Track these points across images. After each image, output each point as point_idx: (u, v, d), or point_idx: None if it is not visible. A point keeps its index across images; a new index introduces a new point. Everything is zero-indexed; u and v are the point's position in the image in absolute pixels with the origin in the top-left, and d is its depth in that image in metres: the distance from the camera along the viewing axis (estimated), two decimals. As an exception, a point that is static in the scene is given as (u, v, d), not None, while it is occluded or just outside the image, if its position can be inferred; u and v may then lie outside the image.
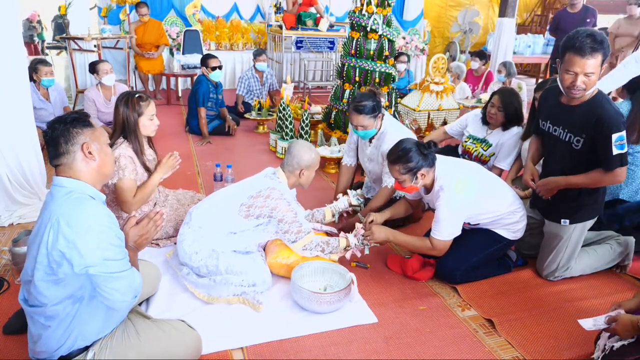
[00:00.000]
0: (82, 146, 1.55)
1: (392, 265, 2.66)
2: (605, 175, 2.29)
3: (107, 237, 1.51)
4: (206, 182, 3.86)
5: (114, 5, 7.11)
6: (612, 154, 2.21)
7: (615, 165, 2.24)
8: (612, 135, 2.19)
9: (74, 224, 1.45)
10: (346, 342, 2.07)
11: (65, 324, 1.56)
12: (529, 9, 11.09)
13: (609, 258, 2.68)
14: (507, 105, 3.21)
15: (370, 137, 3.00)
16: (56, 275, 1.49)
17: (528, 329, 2.22)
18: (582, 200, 2.44)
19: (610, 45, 3.97)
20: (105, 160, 1.63)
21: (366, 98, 2.87)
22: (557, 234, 2.53)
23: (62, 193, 1.53)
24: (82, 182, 1.57)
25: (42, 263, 1.48)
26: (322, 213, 2.87)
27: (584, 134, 2.29)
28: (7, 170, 2.98)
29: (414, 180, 2.34)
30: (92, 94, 4.45)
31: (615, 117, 2.21)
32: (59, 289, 1.51)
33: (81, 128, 1.56)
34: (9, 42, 2.87)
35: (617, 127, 2.20)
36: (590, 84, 2.20)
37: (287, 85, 4.79)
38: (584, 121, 2.28)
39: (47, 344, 1.58)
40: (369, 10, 4.09)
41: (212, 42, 7.97)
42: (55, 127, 1.55)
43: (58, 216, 1.46)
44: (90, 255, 1.46)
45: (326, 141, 4.51)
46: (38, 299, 1.53)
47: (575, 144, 2.34)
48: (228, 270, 2.29)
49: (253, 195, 2.35)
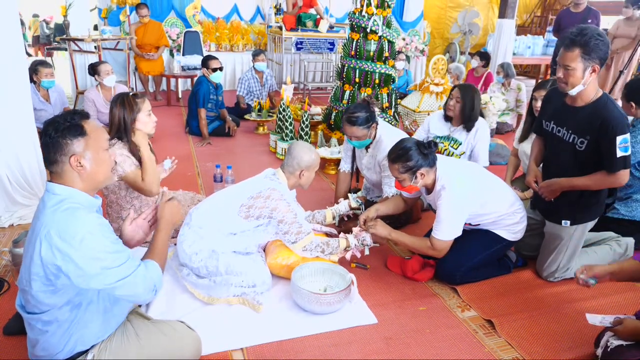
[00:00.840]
0: (71, 158, 1.50)
1: (392, 266, 2.66)
2: (608, 177, 2.29)
3: (102, 246, 1.46)
4: (206, 183, 3.87)
5: (114, 6, 7.12)
6: (616, 156, 2.21)
7: (619, 168, 2.24)
8: (617, 137, 2.19)
9: (66, 237, 1.42)
10: (346, 342, 2.07)
11: (62, 329, 1.55)
12: (528, 10, 11.11)
13: (609, 259, 2.68)
14: (465, 96, 3.18)
15: (365, 146, 3.00)
16: (54, 286, 1.47)
17: (528, 329, 2.22)
18: (583, 202, 2.44)
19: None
20: (98, 169, 1.56)
21: (359, 109, 2.84)
22: (558, 235, 2.53)
23: (53, 202, 1.49)
24: (75, 190, 1.52)
25: (38, 274, 1.45)
26: (323, 215, 2.87)
27: (588, 135, 2.29)
28: (7, 171, 2.98)
29: (413, 180, 2.34)
30: (92, 95, 4.45)
31: (620, 120, 2.21)
32: (57, 297, 1.50)
33: (71, 139, 1.49)
34: (9, 43, 2.88)
35: (622, 130, 2.20)
36: (572, 78, 2.21)
37: (287, 86, 4.79)
38: (588, 122, 2.28)
39: (46, 349, 1.58)
40: (369, 12, 4.10)
41: (212, 43, 7.98)
42: (47, 132, 1.50)
43: (49, 229, 1.43)
44: (88, 266, 1.43)
45: (326, 142, 4.51)
46: (37, 307, 1.52)
47: (579, 146, 2.33)
48: (228, 271, 2.29)
49: (253, 196, 2.35)
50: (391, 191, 2.85)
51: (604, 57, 2.18)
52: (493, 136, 5.28)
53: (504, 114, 5.68)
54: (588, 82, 2.23)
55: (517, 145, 3.39)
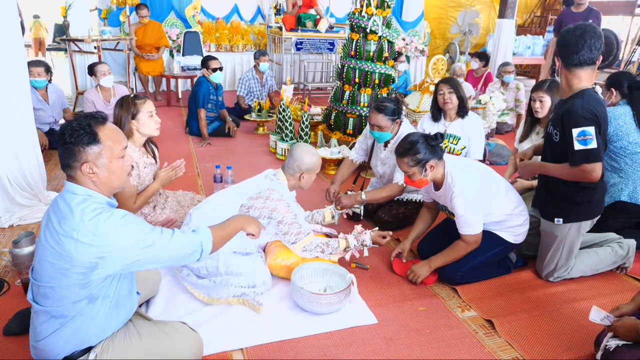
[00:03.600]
0: (83, 165, 1.51)
1: (398, 269, 2.66)
2: (572, 170, 2.28)
3: (138, 230, 1.51)
4: (206, 183, 3.87)
5: (114, 7, 7.12)
6: (574, 148, 2.21)
7: (580, 162, 2.22)
8: (573, 130, 2.20)
9: (99, 233, 1.44)
10: (346, 343, 2.07)
11: (75, 324, 1.56)
12: (528, 10, 11.11)
13: (610, 260, 2.68)
14: (454, 85, 3.24)
15: (384, 140, 3.02)
16: (88, 279, 1.49)
17: (528, 329, 2.22)
18: (573, 199, 2.43)
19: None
20: (111, 177, 1.57)
21: (389, 101, 2.95)
22: (552, 233, 2.54)
23: (77, 200, 1.49)
24: (92, 191, 1.54)
25: (68, 270, 1.46)
26: (322, 214, 2.87)
27: (559, 127, 2.32)
28: (7, 171, 2.98)
29: (423, 173, 2.34)
30: (92, 96, 4.45)
31: (578, 112, 2.20)
32: (84, 290, 1.52)
33: (84, 146, 1.49)
34: (9, 43, 2.88)
35: (576, 122, 2.19)
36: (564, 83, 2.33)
37: (287, 86, 4.80)
38: (560, 115, 2.32)
39: (52, 345, 1.58)
40: (369, 12, 4.10)
41: (212, 43, 7.98)
42: (63, 136, 1.50)
43: (79, 228, 1.43)
44: (131, 252, 1.48)
45: (326, 142, 4.51)
46: (55, 301, 1.52)
47: (555, 137, 2.37)
48: (228, 271, 2.29)
49: (253, 197, 2.35)
50: (401, 178, 2.87)
51: (602, 54, 2.25)
52: (493, 136, 5.29)
53: (503, 114, 5.69)
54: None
55: (517, 145, 3.39)
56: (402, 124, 3.01)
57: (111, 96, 4.50)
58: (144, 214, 2.73)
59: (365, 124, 3.82)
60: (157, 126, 2.63)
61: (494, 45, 7.61)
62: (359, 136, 4.17)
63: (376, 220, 3.17)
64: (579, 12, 6.14)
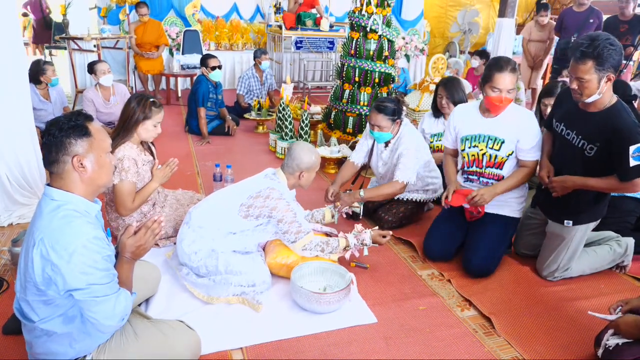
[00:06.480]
0: (73, 158, 1.48)
1: (456, 202, 2.66)
2: (622, 184, 2.25)
3: (93, 261, 1.43)
4: (206, 182, 3.86)
5: (114, 5, 7.11)
6: (630, 165, 2.17)
7: (634, 177, 2.19)
8: (630, 147, 2.15)
9: (58, 249, 1.39)
10: (346, 342, 2.07)
11: (63, 339, 1.55)
12: (528, 9, 11.09)
13: (609, 259, 2.68)
14: (452, 91, 3.28)
15: (384, 140, 3.01)
16: (46, 296, 1.46)
17: (527, 328, 2.22)
18: (587, 202, 2.42)
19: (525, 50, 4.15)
20: (100, 172, 1.54)
21: (389, 100, 2.96)
22: (560, 235, 2.52)
23: (50, 207, 1.46)
24: (73, 195, 1.49)
25: (30, 282, 1.45)
26: (322, 213, 2.87)
27: (598, 142, 2.25)
28: (6, 170, 2.98)
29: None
30: (91, 95, 4.44)
31: (633, 129, 2.16)
32: (50, 308, 1.49)
33: (76, 138, 1.47)
34: (9, 42, 2.87)
35: (635, 139, 2.15)
36: (587, 90, 2.17)
37: (287, 85, 4.79)
38: (599, 130, 2.24)
39: (45, 352, 1.58)
40: (369, 11, 4.09)
41: (211, 42, 7.97)
42: (50, 132, 1.47)
43: (43, 237, 1.41)
44: (74, 280, 1.41)
45: (326, 141, 4.51)
46: (29, 316, 1.51)
47: (588, 152, 2.30)
48: (227, 270, 2.29)
49: (252, 196, 2.35)
50: (403, 177, 2.88)
51: (617, 65, 2.13)
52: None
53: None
54: (604, 91, 2.20)
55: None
56: (402, 123, 3.01)
57: (111, 95, 4.49)
58: (143, 212, 2.73)
59: (365, 123, 3.81)
60: (155, 136, 2.69)
61: (494, 45, 7.60)
62: (358, 135, 4.18)
63: (376, 220, 3.17)
64: (580, 12, 6.13)
